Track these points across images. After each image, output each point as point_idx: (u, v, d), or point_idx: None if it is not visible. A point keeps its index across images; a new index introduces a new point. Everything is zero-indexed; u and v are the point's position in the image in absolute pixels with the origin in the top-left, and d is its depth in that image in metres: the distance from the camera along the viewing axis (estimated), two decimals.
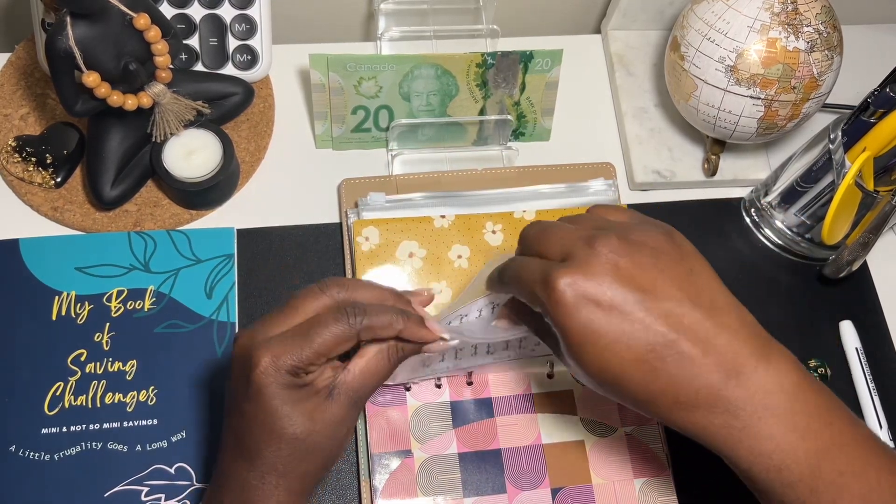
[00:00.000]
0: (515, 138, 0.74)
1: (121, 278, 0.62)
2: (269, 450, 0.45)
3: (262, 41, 0.69)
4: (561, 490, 0.58)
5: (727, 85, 0.63)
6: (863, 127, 0.61)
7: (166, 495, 0.57)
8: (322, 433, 0.46)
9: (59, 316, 0.61)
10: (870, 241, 0.62)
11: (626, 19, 0.78)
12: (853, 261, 0.64)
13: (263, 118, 0.71)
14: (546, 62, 0.68)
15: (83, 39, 0.54)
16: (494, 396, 0.61)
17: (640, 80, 0.77)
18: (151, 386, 0.59)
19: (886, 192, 0.60)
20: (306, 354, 0.45)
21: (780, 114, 0.64)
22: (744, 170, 0.74)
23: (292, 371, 0.45)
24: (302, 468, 0.46)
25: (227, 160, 0.65)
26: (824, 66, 0.63)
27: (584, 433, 0.60)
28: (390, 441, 0.58)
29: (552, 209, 0.65)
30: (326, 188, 0.69)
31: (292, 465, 0.46)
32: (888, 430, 0.64)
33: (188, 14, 0.68)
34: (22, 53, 0.71)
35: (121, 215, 0.66)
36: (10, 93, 0.69)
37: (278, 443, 0.45)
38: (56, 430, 0.58)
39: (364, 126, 0.70)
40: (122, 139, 0.63)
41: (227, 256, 0.64)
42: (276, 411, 0.45)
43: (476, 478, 0.58)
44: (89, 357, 0.60)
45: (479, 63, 0.67)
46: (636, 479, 0.59)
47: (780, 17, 0.61)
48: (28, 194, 0.66)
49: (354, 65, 0.65)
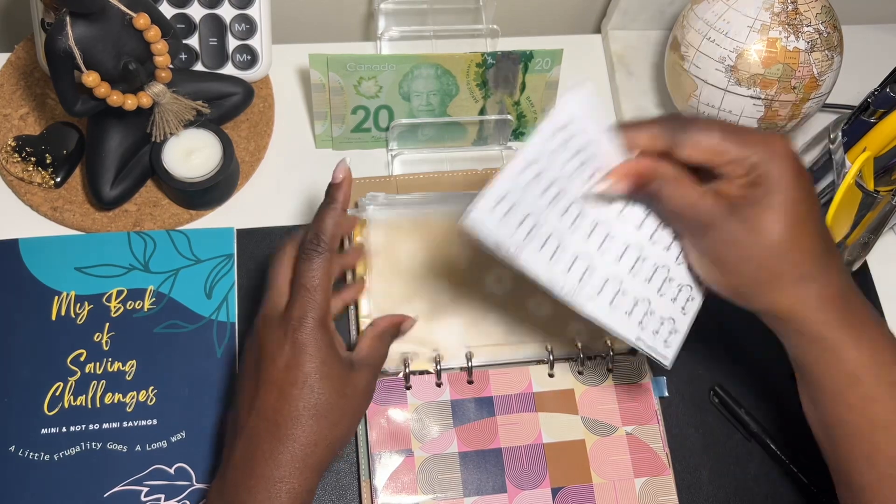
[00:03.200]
0: (515, 138, 0.74)
1: (120, 278, 0.62)
2: (306, 415, 0.48)
3: (261, 41, 0.69)
4: (561, 489, 0.58)
5: (727, 85, 0.63)
6: (863, 127, 0.61)
7: (166, 495, 0.57)
8: (350, 402, 0.50)
9: (59, 316, 0.61)
10: (870, 241, 0.62)
11: (626, 19, 0.78)
12: (853, 261, 0.64)
13: (263, 118, 0.71)
14: (546, 62, 0.68)
15: (83, 39, 0.54)
16: (495, 395, 0.61)
17: (640, 80, 0.77)
18: (151, 386, 0.59)
19: (886, 192, 0.60)
20: (318, 299, 0.49)
21: (781, 114, 0.64)
22: None
23: (320, 322, 0.49)
24: (327, 439, 0.49)
25: (227, 160, 0.64)
26: (824, 66, 0.63)
27: (584, 432, 0.60)
28: (390, 440, 0.58)
29: None
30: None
31: (322, 433, 0.49)
32: None
33: (188, 14, 0.68)
34: (21, 53, 0.71)
35: (120, 215, 0.66)
36: (9, 93, 0.69)
37: (314, 412, 0.48)
38: (56, 431, 0.58)
39: (364, 126, 0.70)
40: (121, 139, 0.63)
41: (226, 256, 0.64)
42: (315, 372, 0.49)
43: (476, 477, 0.58)
44: (89, 357, 0.60)
45: (479, 63, 0.67)
46: (637, 479, 0.59)
47: (781, 17, 0.62)
48: (28, 194, 0.66)
49: (354, 65, 0.65)
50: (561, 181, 0.47)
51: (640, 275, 0.50)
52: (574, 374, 0.62)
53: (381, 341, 0.55)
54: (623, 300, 0.49)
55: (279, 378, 0.49)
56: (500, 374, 0.61)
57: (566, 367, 0.62)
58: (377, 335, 0.55)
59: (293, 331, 0.49)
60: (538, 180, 0.46)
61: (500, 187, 0.44)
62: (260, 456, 0.48)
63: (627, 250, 0.50)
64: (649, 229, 0.51)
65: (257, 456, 0.48)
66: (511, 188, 0.44)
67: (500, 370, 0.61)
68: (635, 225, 0.50)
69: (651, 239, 0.51)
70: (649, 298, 0.50)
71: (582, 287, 0.47)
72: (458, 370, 0.61)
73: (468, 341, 0.61)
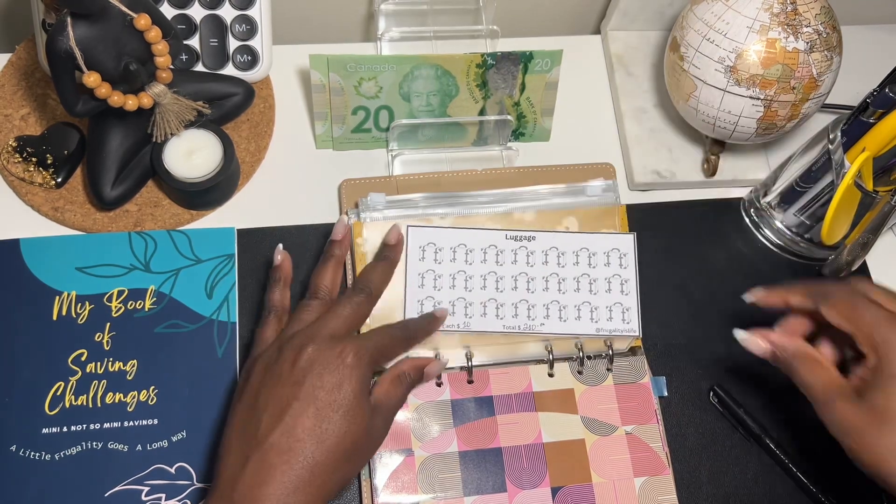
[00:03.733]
0: (515, 138, 0.74)
1: (121, 278, 0.62)
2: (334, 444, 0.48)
3: (262, 42, 0.70)
4: (561, 489, 0.58)
5: (726, 85, 0.64)
6: (862, 127, 0.61)
7: (167, 495, 0.57)
8: (370, 441, 0.51)
9: (60, 316, 0.61)
10: (869, 241, 0.62)
11: (625, 20, 0.78)
12: (852, 261, 0.64)
13: (264, 118, 0.71)
14: (546, 62, 0.68)
15: (84, 40, 0.54)
16: (495, 395, 0.61)
17: (640, 80, 0.77)
18: (152, 386, 0.59)
19: (885, 192, 0.60)
20: (381, 337, 0.54)
21: (780, 114, 0.64)
22: (743, 170, 0.74)
23: (373, 360, 0.52)
24: (342, 471, 0.49)
25: (228, 160, 0.65)
26: (823, 66, 0.63)
27: (584, 432, 0.60)
28: (390, 440, 0.58)
29: (552, 209, 0.65)
30: (326, 188, 0.69)
31: (337, 465, 0.49)
32: None
33: (189, 14, 0.68)
34: (22, 54, 0.71)
35: (121, 215, 0.66)
36: (10, 93, 0.69)
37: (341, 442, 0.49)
38: (56, 430, 0.58)
39: (364, 126, 0.70)
40: (122, 139, 0.63)
41: (227, 256, 0.64)
42: (356, 404, 0.50)
43: (476, 476, 0.58)
44: (90, 357, 0.60)
45: (479, 63, 0.67)
46: (636, 478, 0.59)
47: (780, 18, 0.62)
48: (29, 194, 0.66)
49: (354, 65, 0.65)
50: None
51: (568, 291, 0.61)
52: (574, 374, 0.62)
53: (400, 384, 0.55)
54: (567, 312, 0.61)
55: (322, 399, 0.49)
56: (499, 374, 0.61)
57: (566, 366, 0.62)
58: (395, 377, 0.55)
59: (352, 355, 0.51)
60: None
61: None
62: (279, 475, 0.47)
63: (549, 280, 0.61)
64: (555, 264, 0.62)
65: (274, 474, 0.47)
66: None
67: (499, 370, 0.62)
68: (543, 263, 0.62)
69: (559, 265, 0.62)
70: (587, 301, 0.61)
71: (532, 320, 0.61)
72: (457, 370, 0.61)
73: (468, 341, 0.61)
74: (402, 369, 0.56)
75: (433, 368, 0.57)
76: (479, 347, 0.61)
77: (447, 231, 0.62)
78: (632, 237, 0.63)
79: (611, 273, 0.62)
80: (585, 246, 0.62)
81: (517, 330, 0.60)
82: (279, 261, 0.59)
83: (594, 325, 0.61)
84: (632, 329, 0.61)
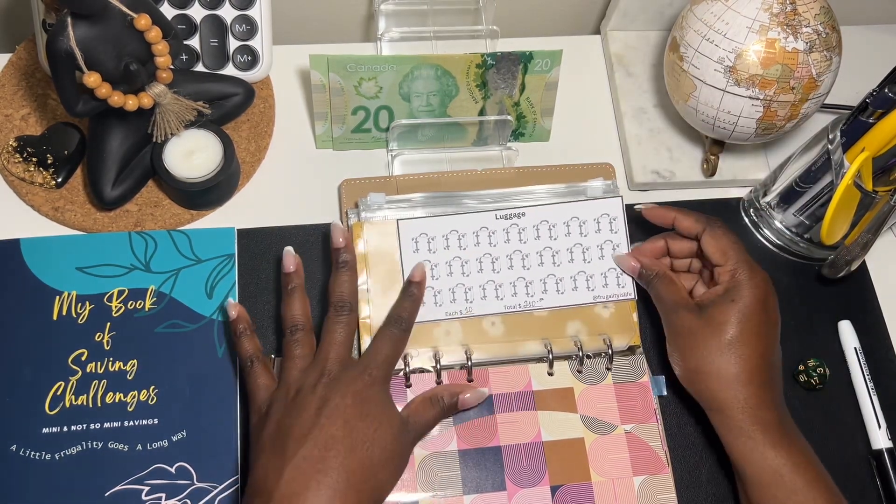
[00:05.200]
0: (515, 138, 0.74)
1: (121, 278, 0.63)
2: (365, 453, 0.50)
3: (262, 42, 0.70)
4: (560, 487, 0.59)
5: (726, 85, 0.64)
6: (861, 127, 0.61)
7: (167, 495, 0.57)
8: (399, 450, 0.53)
9: (60, 316, 0.61)
10: (868, 241, 0.62)
11: (625, 20, 0.78)
12: (852, 261, 0.64)
13: (264, 118, 0.71)
14: (546, 63, 0.69)
15: (84, 40, 0.54)
16: (495, 393, 0.61)
17: (640, 80, 0.77)
18: (152, 385, 0.60)
19: (885, 192, 0.60)
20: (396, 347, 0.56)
21: (779, 114, 0.64)
22: (743, 170, 0.74)
23: (386, 377, 0.55)
24: (373, 482, 0.51)
25: (228, 160, 0.65)
26: (823, 66, 0.63)
27: (583, 430, 0.60)
28: None
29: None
30: (326, 188, 0.69)
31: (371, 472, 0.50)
32: (887, 430, 0.64)
33: (189, 15, 0.68)
34: (23, 54, 0.71)
35: (121, 215, 0.66)
36: (10, 93, 0.69)
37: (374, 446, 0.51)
38: (57, 430, 0.58)
39: (364, 126, 0.70)
40: (122, 139, 0.63)
41: (227, 256, 0.64)
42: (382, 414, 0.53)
43: (476, 475, 0.58)
44: (90, 357, 0.60)
45: (479, 63, 0.67)
46: (635, 477, 0.59)
47: (779, 18, 0.62)
48: (29, 194, 0.66)
49: (354, 65, 0.65)
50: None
51: (562, 263, 0.63)
52: (573, 373, 0.62)
53: (433, 406, 0.57)
54: (564, 284, 0.63)
55: (349, 412, 0.50)
56: (499, 373, 0.61)
57: (565, 365, 0.62)
58: (428, 398, 0.57)
59: (368, 375, 0.53)
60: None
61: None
62: (314, 484, 0.48)
63: (542, 255, 0.63)
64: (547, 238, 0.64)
65: (310, 484, 0.48)
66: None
67: (499, 368, 0.62)
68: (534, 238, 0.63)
69: (551, 237, 0.63)
70: (581, 270, 0.63)
71: (531, 297, 0.62)
72: (457, 368, 0.61)
73: (468, 339, 0.61)
74: (438, 392, 0.57)
75: (470, 398, 0.58)
76: (479, 346, 0.61)
77: (437, 220, 0.62)
78: (619, 199, 0.64)
79: (602, 239, 0.63)
80: (575, 214, 0.63)
81: (518, 308, 0.62)
82: (292, 268, 0.58)
83: (591, 293, 0.63)
84: (627, 292, 0.63)
